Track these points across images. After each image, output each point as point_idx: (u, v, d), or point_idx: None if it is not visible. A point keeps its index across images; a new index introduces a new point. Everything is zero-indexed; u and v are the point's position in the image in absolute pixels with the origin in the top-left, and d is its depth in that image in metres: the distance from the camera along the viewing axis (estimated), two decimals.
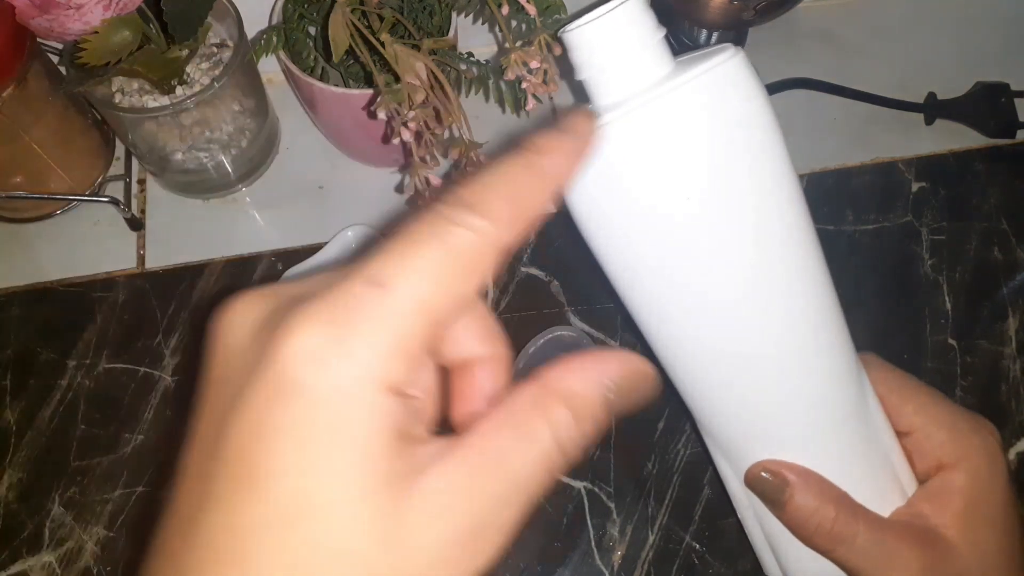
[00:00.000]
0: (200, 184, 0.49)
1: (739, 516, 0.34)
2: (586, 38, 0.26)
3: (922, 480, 0.31)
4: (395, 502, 0.17)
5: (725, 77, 0.25)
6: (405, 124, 0.36)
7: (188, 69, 0.45)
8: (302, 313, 0.17)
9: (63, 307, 0.47)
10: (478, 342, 0.22)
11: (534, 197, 0.19)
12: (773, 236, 0.26)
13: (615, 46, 0.26)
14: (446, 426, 0.21)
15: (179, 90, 0.45)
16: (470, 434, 0.18)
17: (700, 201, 0.25)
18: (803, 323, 0.28)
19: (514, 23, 0.44)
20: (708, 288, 0.27)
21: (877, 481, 0.30)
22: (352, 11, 0.37)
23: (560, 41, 0.27)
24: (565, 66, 0.29)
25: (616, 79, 0.26)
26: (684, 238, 0.26)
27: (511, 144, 0.20)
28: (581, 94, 0.28)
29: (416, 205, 0.38)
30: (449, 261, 0.18)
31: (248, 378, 0.17)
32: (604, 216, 0.26)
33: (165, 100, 0.45)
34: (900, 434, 0.32)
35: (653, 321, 0.29)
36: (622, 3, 0.25)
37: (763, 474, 0.30)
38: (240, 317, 0.18)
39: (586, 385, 0.20)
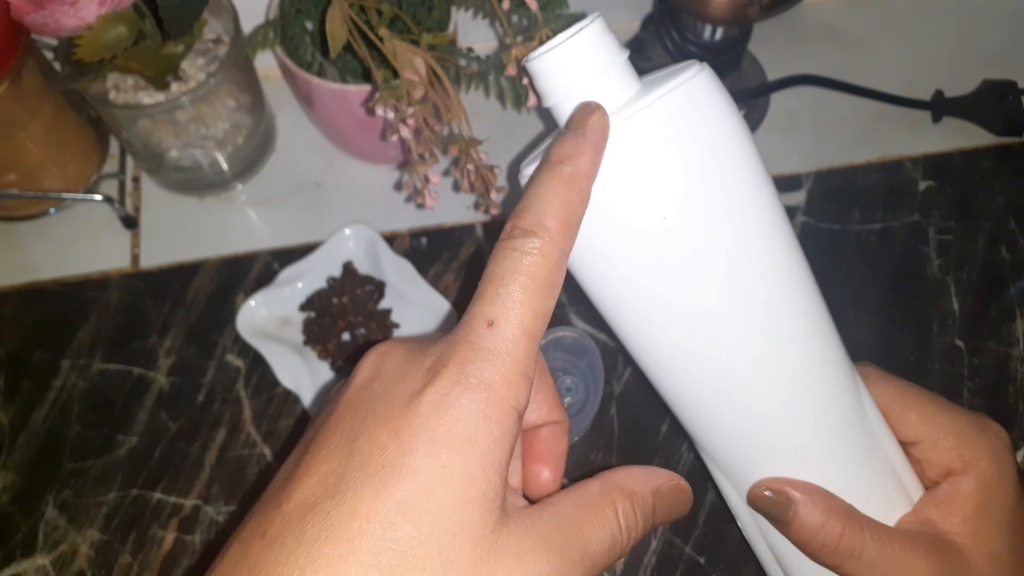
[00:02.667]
0: (195, 182, 0.49)
1: (743, 532, 0.33)
2: (550, 65, 0.26)
3: (931, 489, 0.31)
4: (496, 525, 0.20)
5: (691, 95, 0.25)
6: (404, 121, 0.35)
7: (183, 65, 0.45)
8: (445, 354, 0.21)
9: (57, 307, 0.46)
10: (547, 410, 0.26)
11: (575, 203, 0.23)
12: (753, 252, 0.26)
13: (579, 72, 0.26)
14: None
15: (174, 86, 0.44)
16: (547, 503, 0.22)
17: (675, 222, 0.25)
18: (792, 337, 0.27)
19: (515, 18, 0.43)
20: (692, 310, 0.26)
21: (881, 490, 0.30)
22: (350, 6, 0.36)
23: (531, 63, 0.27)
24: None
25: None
26: (662, 260, 0.25)
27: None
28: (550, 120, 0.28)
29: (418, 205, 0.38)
30: (532, 285, 0.22)
31: (396, 399, 0.21)
32: (582, 244, 0.26)
33: (160, 97, 0.44)
34: (907, 444, 0.31)
35: (641, 344, 0.29)
36: (583, 28, 0.25)
37: (766, 493, 0.29)
38: (384, 357, 0.22)
39: (644, 487, 0.24)
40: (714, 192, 0.25)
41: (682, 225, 0.25)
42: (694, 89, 0.25)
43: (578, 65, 0.26)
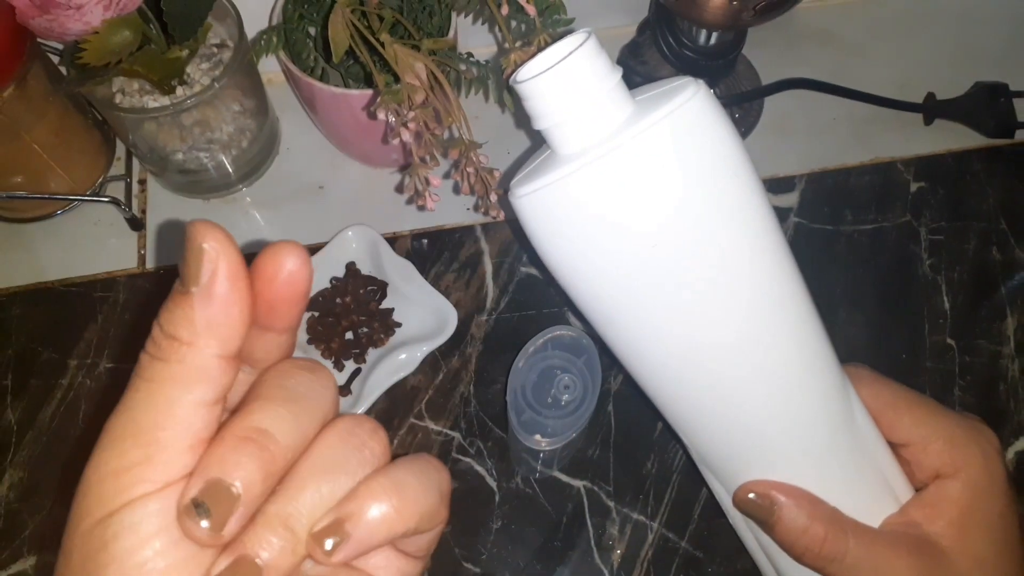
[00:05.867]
0: (200, 184, 0.49)
1: (734, 528, 0.34)
2: (540, 89, 0.25)
3: (920, 491, 0.31)
4: None
5: (688, 118, 0.24)
6: (405, 124, 0.36)
7: (188, 69, 0.45)
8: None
9: (64, 307, 0.47)
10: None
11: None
12: (748, 269, 0.26)
13: (571, 95, 0.25)
14: None
15: (179, 90, 0.45)
16: None
17: (669, 246, 0.25)
18: (782, 347, 0.28)
19: (514, 23, 0.44)
20: (683, 327, 0.26)
21: (868, 492, 0.30)
22: (352, 11, 0.37)
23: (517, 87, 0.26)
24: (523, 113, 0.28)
25: (575, 128, 0.25)
26: (655, 281, 0.25)
27: None
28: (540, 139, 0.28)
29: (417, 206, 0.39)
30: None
31: None
32: (576, 266, 0.26)
33: (165, 100, 0.45)
34: (898, 446, 0.31)
35: (632, 356, 0.29)
36: (574, 51, 0.25)
37: (750, 496, 0.30)
38: None
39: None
40: (709, 216, 0.25)
41: (676, 249, 0.25)
42: (691, 111, 0.24)
43: (569, 90, 0.25)
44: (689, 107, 0.24)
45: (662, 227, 0.25)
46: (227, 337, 0.18)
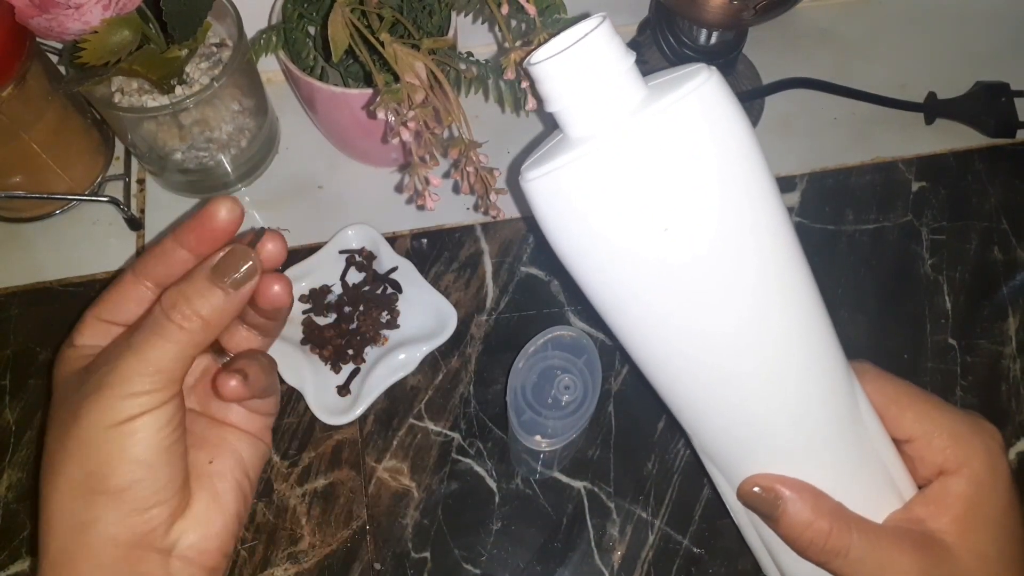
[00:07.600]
0: (199, 184, 0.49)
1: (736, 524, 0.34)
2: (554, 71, 0.25)
3: (923, 487, 0.31)
4: None
5: (700, 103, 0.24)
6: (404, 124, 0.36)
7: (187, 69, 0.45)
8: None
9: (62, 307, 0.47)
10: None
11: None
12: (756, 256, 0.26)
13: (586, 78, 0.25)
14: None
15: (178, 90, 0.45)
16: None
17: (680, 231, 0.25)
18: (790, 339, 0.28)
19: (514, 23, 0.44)
20: (692, 314, 0.26)
21: (872, 488, 0.30)
22: (352, 11, 0.37)
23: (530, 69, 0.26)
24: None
25: (589, 111, 0.25)
26: (665, 268, 0.25)
27: None
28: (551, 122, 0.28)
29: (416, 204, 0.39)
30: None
31: None
32: (586, 250, 0.26)
33: (164, 100, 0.45)
34: (902, 442, 0.31)
35: (639, 345, 0.29)
36: (589, 32, 0.25)
37: (755, 489, 0.30)
38: None
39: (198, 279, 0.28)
40: (723, 199, 0.25)
41: (688, 232, 0.25)
42: (704, 96, 0.24)
43: (583, 72, 0.25)
44: (703, 91, 0.24)
45: (675, 210, 0.24)
46: (224, 323, 0.27)
